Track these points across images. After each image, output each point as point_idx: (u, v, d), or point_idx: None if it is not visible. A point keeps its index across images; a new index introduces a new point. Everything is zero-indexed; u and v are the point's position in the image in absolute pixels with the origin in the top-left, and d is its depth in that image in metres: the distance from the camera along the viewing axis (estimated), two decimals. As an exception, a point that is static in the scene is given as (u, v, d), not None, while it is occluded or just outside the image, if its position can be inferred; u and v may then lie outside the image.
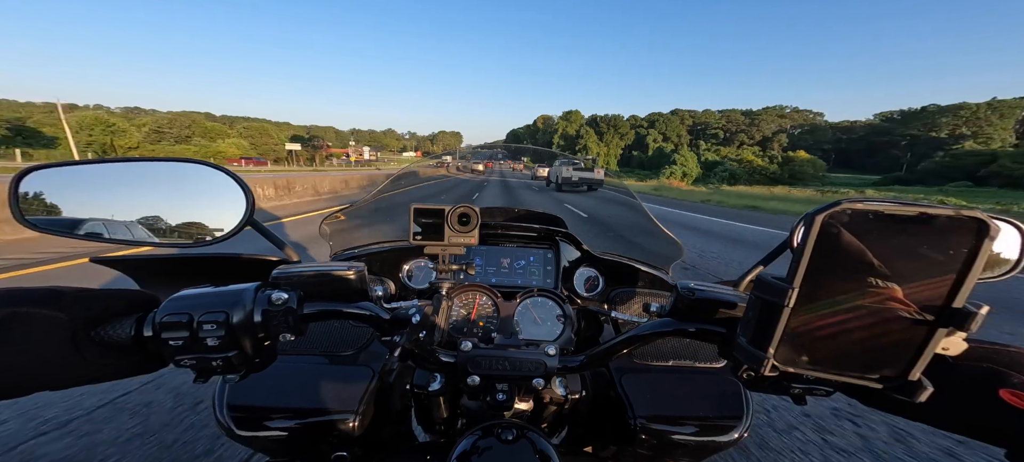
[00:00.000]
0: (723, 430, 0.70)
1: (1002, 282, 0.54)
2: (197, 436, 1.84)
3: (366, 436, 0.68)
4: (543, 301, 1.00)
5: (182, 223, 0.58)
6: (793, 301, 0.33)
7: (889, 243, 0.31)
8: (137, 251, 0.70)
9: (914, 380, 0.33)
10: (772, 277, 0.35)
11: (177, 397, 2.12)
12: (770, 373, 0.36)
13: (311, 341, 0.79)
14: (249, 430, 0.65)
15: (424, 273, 1.12)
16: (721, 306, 0.50)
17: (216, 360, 0.40)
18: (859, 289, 0.32)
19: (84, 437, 1.80)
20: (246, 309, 0.41)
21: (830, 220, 0.31)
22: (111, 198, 0.56)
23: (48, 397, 2.01)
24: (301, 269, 0.53)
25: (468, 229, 0.66)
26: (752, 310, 0.38)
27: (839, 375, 0.35)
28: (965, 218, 0.29)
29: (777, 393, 0.41)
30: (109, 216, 0.56)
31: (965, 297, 0.30)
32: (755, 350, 0.36)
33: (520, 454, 0.49)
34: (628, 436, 0.69)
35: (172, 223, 0.58)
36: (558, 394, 0.67)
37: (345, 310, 0.51)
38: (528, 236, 1.22)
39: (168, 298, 0.41)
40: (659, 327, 0.53)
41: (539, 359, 0.56)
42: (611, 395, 0.75)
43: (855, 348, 0.34)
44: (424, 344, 0.58)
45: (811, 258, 0.32)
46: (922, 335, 0.32)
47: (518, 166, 9.91)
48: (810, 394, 0.41)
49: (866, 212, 0.30)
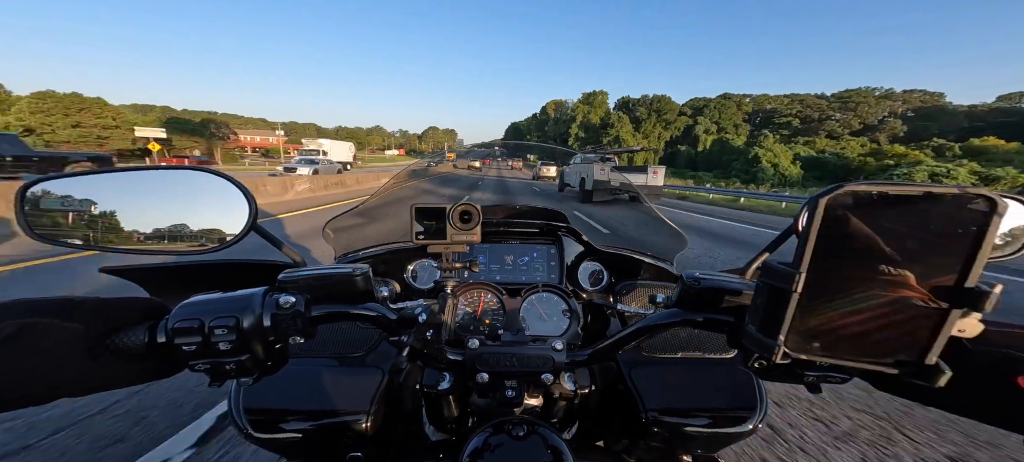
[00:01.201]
0: (737, 421, 0.70)
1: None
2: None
3: (379, 436, 0.68)
4: (548, 296, 1.00)
5: (187, 230, 0.58)
6: (800, 286, 0.32)
7: (896, 225, 0.31)
8: (145, 260, 0.71)
9: (931, 364, 0.33)
10: (778, 263, 0.35)
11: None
12: (782, 361, 0.36)
13: (321, 343, 0.80)
14: (265, 432, 0.66)
15: (428, 273, 1.13)
16: (728, 294, 0.50)
17: (229, 364, 0.40)
18: (868, 272, 0.32)
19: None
20: (255, 313, 0.41)
21: (833, 203, 0.30)
22: (116, 207, 0.56)
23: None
24: (307, 272, 0.53)
25: (470, 226, 0.66)
26: (760, 297, 0.38)
27: (854, 361, 0.35)
28: (972, 196, 0.29)
29: (790, 381, 0.41)
30: (115, 225, 0.56)
31: (977, 276, 0.30)
32: (765, 338, 0.36)
33: (531, 449, 0.49)
34: (640, 429, 0.69)
35: (177, 231, 0.58)
36: (567, 389, 0.67)
37: (352, 311, 0.51)
38: (531, 232, 1.22)
39: (179, 305, 0.42)
40: (666, 318, 0.53)
41: (546, 354, 0.56)
42: (620, 389, 0.75)
43: (868, 333, 0.33)
44: (431, 343, 0.58)
45: (817, 243, 0.31)
46: (936, 318, 0.32)
47: (517, 164, 9.32)
48: (825, 381, 0.40)
49: (870, 193, 0.30)
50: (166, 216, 0.58)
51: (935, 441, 2.01)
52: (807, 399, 2.34)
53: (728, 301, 0.50)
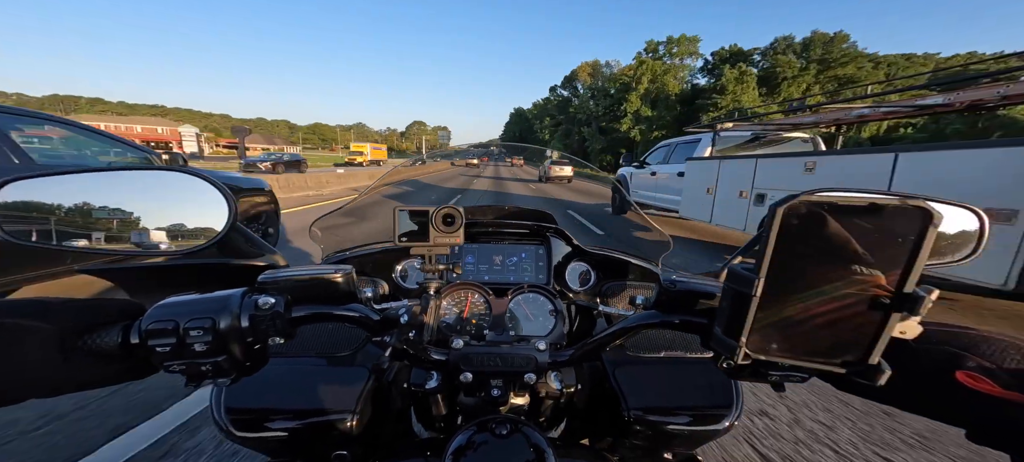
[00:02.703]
0: (714, 419, 0.72)
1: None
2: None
3: (365, 435, 0.68)
4: (535, 297, 1.01)
5: (166, 231, 0.58)
6: (759, 291, 0.34)
7: (846, 232, 0.32)
8: (123, 260, 0.70)
9: (874, 364, 0.35)
10: (742, 267, 0.37)
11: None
12: (743, 362, 0.37)
13: (307, 343, 0.80)
14: (248, 431, 0.66)
15: (416, 273, 1.13)
16: (702, 297, 0.52)
17: (205, 365, 0.41)
18: (822, 276, 0.34)
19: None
20: (232, 314, 0.41)
21: (789, 212, 0.32)
22: (94, 206, 0.55)
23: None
24: (288, 273, 0.53)
25: (453, 229, 0.67)
26: (726, 300, 0.40)
27: (808, 361, 0.37)
28: (909, 207, 0.31)
29: (755, 381, 0.43)
30: (90, 225, 0.55)
31: (914, 282, 0.32)
32: (728, 339, 0.38)
33: (514, 447, 0.50)
34: (623, 427, 0.71)
35: (156, 231, 0.58)
36: (553, 388, 0.68)
37: (334, 312, 0.51)
38: (519, 233, 1.23)
39: (153, 306, 0.42)
40: (644, 319, 0.55)
41: (529, 354, 0.57)
42: (606, 388, 0.77)
43: (821, 334, 0.35)
44: (415, 343, 0.58)
45: (776, 249, 0.33)
46: (879, 320, 0.34)
47: (518, 161, 8.37)
48: (787, 381, 0.42)
49: (822, 203, 0.32)
50: (144, 216, 0.58)
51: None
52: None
53: (702, 303, 0.52)
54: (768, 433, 2.07)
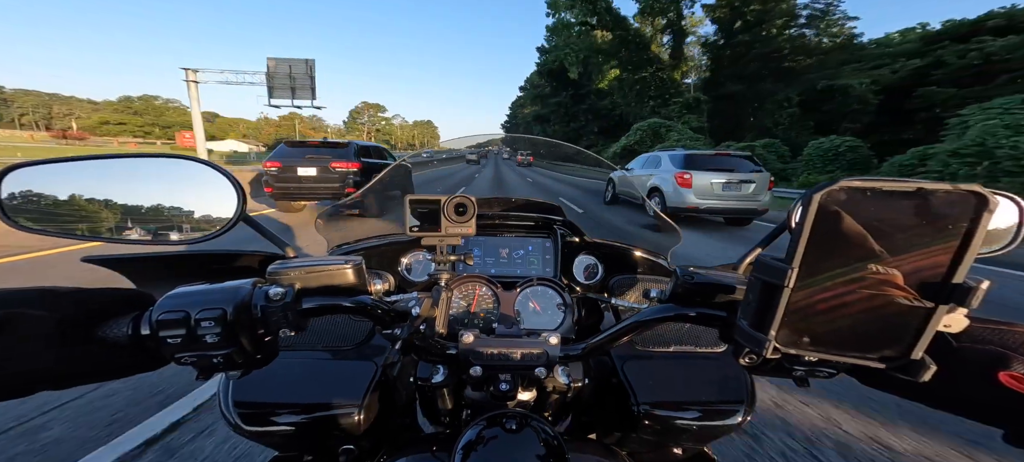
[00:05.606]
0: (726, 414, 0.71)
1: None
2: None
3: (372, 429, 0.68)
4: (543, 290, 1.00)
5: (174, 220, 0.57)
6: (793, 281, 0.32)
7: (888, 221, 0.31)
8: (130, 249, 0.69)
9: (917, 359, 0.33)
10: (771, 258, 0.35)
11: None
12: (772, 356, 0.36)
13: (313, 336, 0.79)
14: (256, 425, 0.65)
15: (423, 266, 1.12)
16: (721, 290, 0.50)
17: (216, 357, 0.40)
18: (859, 268, 0.32)
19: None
20: (243, 305, 0.40)
21: (827, 199, 0.30)
22: (100, 195, 0.55)
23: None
24: (298, 264, 0.52)
25: (465, 219, 0.66)
26: (752, 292, 0.38)
27: (842, 356, 0.35)
28: (963, 192, 0.29)
29: (779, 376, 0.41)
30: (99, 213, 0.55)
31: (964, 273, 0.30)
32: (756, 333, 0.36)
33: (525, 441, 0.49)
34: (632, 422, 0.70)
35: (163, 220, 0.57)
36: (561, 382, 0.67)
37: (344, 304, 0.50)
38: (526, 225, 1.22)
39: (164, 296, 0.41)
40: (659, 313, 0.54)
41: (540, 348, 0.56)
42: (614, 382, 0.76)
43: (857, 328, 0.34)
44: (425, 336, 0.57)
45: (810, 238, 0.31)
46: (923, 313, 0.32)
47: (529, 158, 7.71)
48: (812, 376, 0.40)
49: (863, 189, 0.30)
50: (152, 205, 0.57)
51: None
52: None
53: (721, 296, 0.50)
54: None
